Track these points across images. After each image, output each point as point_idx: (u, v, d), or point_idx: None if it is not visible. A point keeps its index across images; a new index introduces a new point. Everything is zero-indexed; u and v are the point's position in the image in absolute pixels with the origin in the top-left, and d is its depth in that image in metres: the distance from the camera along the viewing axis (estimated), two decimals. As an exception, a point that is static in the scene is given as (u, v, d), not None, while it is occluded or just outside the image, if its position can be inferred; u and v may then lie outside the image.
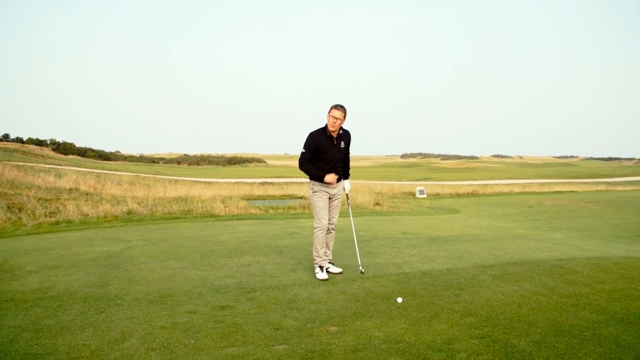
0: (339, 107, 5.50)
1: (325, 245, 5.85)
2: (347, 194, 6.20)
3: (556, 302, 4.63)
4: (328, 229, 5.90)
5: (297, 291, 5.07)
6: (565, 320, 4.08)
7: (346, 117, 5.56)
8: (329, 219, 5.89)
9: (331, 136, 5.63)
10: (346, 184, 6.07)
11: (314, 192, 5.81)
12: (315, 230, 5.79)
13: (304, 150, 5.65)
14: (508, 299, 4.71)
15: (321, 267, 5.74)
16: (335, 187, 5.83)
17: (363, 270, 5.87)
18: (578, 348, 3.48)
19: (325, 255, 5.88)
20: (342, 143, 5.74)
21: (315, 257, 5.80)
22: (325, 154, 5.62)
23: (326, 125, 5.60)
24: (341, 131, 5.71)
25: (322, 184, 5.73)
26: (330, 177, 5.61)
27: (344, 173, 6.00)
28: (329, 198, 5.85)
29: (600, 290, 5.05)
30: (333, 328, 3.94)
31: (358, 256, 6.25)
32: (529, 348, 3.49)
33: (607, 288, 5.13)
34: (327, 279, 5.56)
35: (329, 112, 5.52)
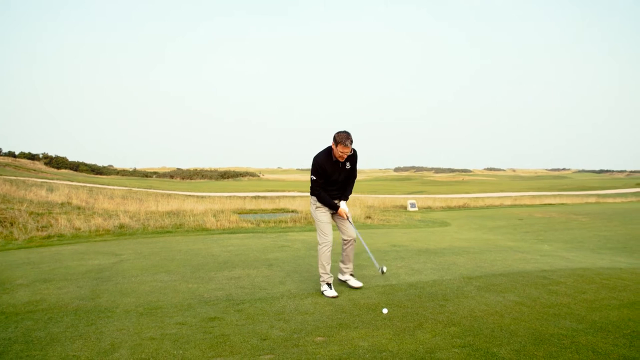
0: (348, 144, 5.31)
1: (331, 262, 5.67)
2: (347, 216, 5.86)
3: (538, 312, 4.74)
4: (348, 242, 5.75)
5: (285, 303, 5.16)
6: (546, 330, 4.18)
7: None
8: (347, 232, 5.75)
9: (337, 160, 5.51)
10: (342, 205, 5.82)
11: (316, 208, 5.72)
12: (320, 247, 5.64)
13: (314, 178, 5.53)
14: (491, 309, 4.82)
15: (329, 284, 5.58)
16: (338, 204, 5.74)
17: (385, 270, 5.52)
18: (556, 356, 3.59)
19: (346, 269, 5.85)
20: (348, 164, 5.61)
21: (322, 274, 5.60)
22: (332, 176, 5.55)
23: (331, 150, 5.46)
24: None
25: (326, 207, 5.69)
26: (342, 213, 5.67)
27: (344, 197, 5.86)
28: (332, 213, 5.79)
29: (581, 300, 5.16)
30: (319, 338, 4.03)
31: (374, 261, 5.86)
32: (509, 356, 3.59)
33: (588, 298, 5.24)
34: (336, 296, 5.42)
35: (337, 146, 5.33)
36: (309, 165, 5.62)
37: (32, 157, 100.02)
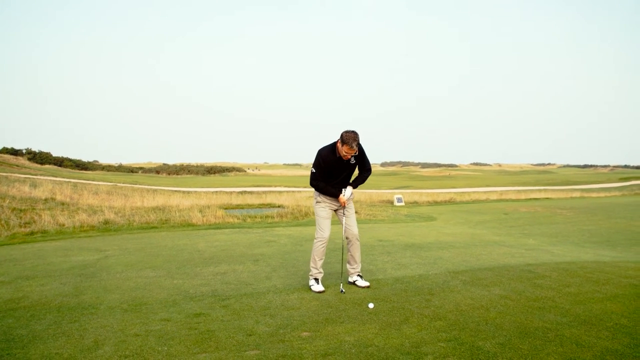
0: (353, 145, 5.19)
1: (323, 258, 5.62)
2: (345, 200, 5.59)
3: (523, 305, 4.77)
4: (350, 240, 5.69)
5: (271, 298, 5.13)
6: (531, 323, 4.21)
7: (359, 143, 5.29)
8: (348, 230, 5.65)
9: (340, 157, 5.40)
10: (348, 190, 5.60)
11: (317, 203, 5.66)
12: (314, 242, 5.59)
13: (314, 171, 5.46)
14: (477, 303, 4.83)
15: (316, 280, 5.54)
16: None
17: (343, 291, 5.46)
18: (540, 349, 3.61)
19: (353, 270, 5.74)
20: (352, 159, 5.47)
21: (311, 269, 5.58)
22: (333, 171, 5.46)
23: (336, 146, 5.35)
24: None
25: (327, 196, 5.60)
26: (342, 200, 5.52)
27: (353, 182, 5.68)
28: (335, 210, 5.73)
29: (566, 293, 5.21)
30: (305, 333, 4.01)
31: (342, 273, 5.91)
32: (494, 350, 3.60)
33: (572, 291, 5.28)
34: (323, 291, 5.38)
35: (342, 145, 5.22)
36: (295, 161, 5.54)
37: (15, 152, 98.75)
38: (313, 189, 5.72)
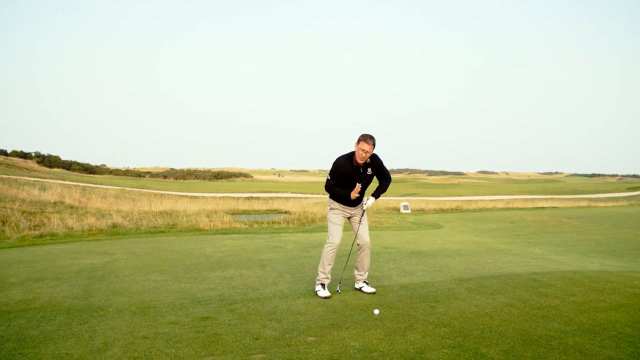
0: (369, 141, 5.30)
1: (332, 263, 5.68)
2: (364, 210, 5.80)
3: (527, 313, 4.79)
4: (361, 247, 5.76)
5: (278, 303, 5.19)
6: (535, 331, 4.24)
7: (375, 146, 5.40)
8: (360, 237, 5.74)
9: (357, 165, 5.49)
10: (369, 200, 5.77)
11: (330, 209, 5.75)
12: (325, 247, 5.68)
13: (329, 178, 5.56)
14: (481, 311, 4.87)
15: (323, 285, 5.60)
16: (355, 208, 5.77)
17: (339, 291, 5.72)
18: (544, 357, 3.64)
19: (360, 276, 5.82)
20: (369, 170, 5.59)
21: (319, 273, 5.66)
22: (350, 180, 5.53)
23: (353, 154, 5.50)
24: (368, 160, 5.53)
25: (340, 203, 5.69)
26: (354, 194, 5.53)
27: (375, 192, 5.75)
28: (348, 218, 5.81)
29: (570, 302, 5.23)
30: (310, 338, 4.06)
31: (343, 273, 6.06)
32: (498, 357, 3.63)
33: (577, 300, 5.31)
34: (329, 297, 5.44)
35: (358, 144, 5.34)
36: (303, 167, 5.61)
37: (24, 155, 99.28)
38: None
